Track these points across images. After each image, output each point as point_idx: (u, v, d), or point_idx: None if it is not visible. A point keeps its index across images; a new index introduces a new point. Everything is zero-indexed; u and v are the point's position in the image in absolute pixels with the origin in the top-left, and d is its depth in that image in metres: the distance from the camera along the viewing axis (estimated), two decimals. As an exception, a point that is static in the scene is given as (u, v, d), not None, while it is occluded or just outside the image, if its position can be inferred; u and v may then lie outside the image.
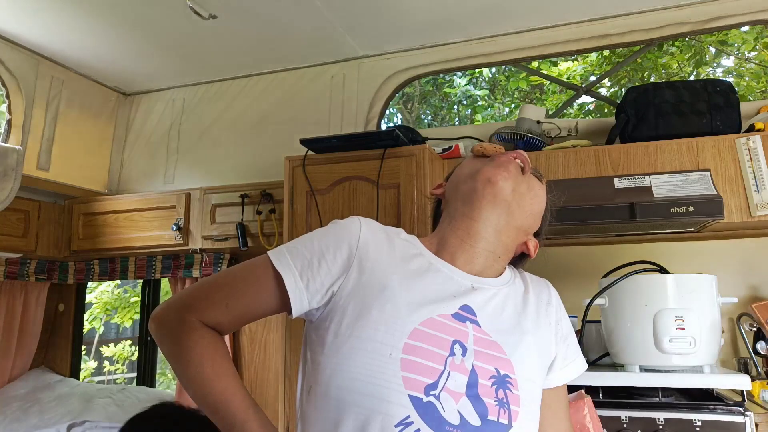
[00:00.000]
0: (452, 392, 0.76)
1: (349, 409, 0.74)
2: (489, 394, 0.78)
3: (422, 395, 0.74)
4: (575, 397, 1.23)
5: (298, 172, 1.91)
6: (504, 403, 0.78)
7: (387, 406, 0.73)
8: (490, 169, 0.90)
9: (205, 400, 0.79)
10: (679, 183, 1.66)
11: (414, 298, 0.81)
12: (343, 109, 2.48)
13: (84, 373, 5.16)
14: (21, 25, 2.24)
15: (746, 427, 1.35)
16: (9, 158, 2.17)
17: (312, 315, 0.85)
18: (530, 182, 0.94)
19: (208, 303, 0.83)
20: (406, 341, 0.77)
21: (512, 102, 6.26)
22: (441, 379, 0.76)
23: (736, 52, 5.10)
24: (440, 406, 0.74)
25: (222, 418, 0.79)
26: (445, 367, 0.77)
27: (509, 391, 0.80)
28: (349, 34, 2.32)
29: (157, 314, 0.85)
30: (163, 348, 0.84)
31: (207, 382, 0.79)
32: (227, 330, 0.87)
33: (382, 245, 0.87)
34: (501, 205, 0.89)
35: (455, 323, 0.81)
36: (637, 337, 1.49)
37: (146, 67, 2.62)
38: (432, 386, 0.75)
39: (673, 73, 5.14)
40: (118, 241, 2.53)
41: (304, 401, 0.82)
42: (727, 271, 1.92)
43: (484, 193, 0.89)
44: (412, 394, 0.74)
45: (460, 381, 0.77)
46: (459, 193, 0.93)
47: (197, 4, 2.06)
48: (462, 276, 0.87)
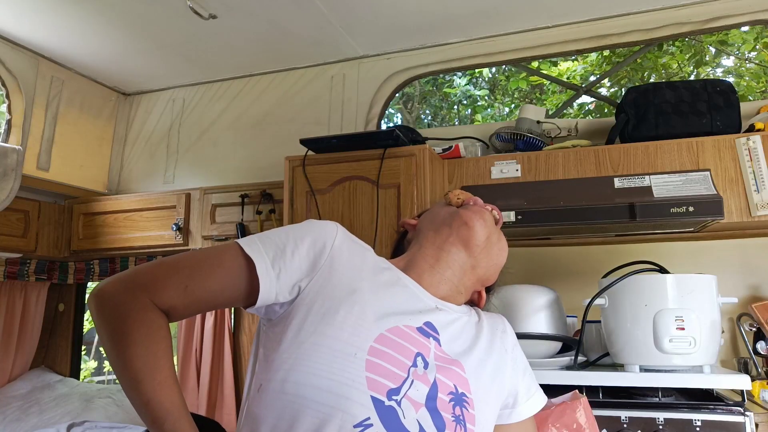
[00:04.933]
0: (413, 401, 0.75)
1: (308, 405, 0.71)
2: (447, 409, 0.77)
3: (384, 398, 0.73)
4: (571, 397, 1.23)
5: (298, 172, 1.91)
6: (461, 420, 0.78)
7: (348, 405, 0.71)
8: (468, 213, 0.93)
9: (138, 388, 0.72)
10: (679, 183, 1.66)
11: (382, 305, 0.81)
12: (343, 109, 2.48)
13: (84, 373, 5.16)
14: (21, 25, 2.24)
15: (746, 427, 1.35)
16: (9, 158, 2.17)
17: (272, 312, 0.82)
18: (500, 235, 0.97)
19: (165, 283, 0.76)
20: (372, 344, 0.76)
21: (512, 102, 6.26)
22: (404, 385, 0.75)
23: (736, 52, 5.10)
24: (401, 412, 0.73)
25: (153, 411, 0.72)
26: (409, 375, 0.76)
27: (465, 409, 0.80)
28: (349, 34, 2.32)
29: (103, 288, 0.76)
30: (103, 326, 0.74)
31: (146, 369, 0.72)
32: (178, 316, 0.79)
33: (355, 252, 0.87)
34: (472, 248, 0.91)
35: (419, 336, 0.81)
36: (637, 337, 1.49)
37: (146, 67, 2.62)
38: (394, 391, 0.74)
39: (673, 73, 5.14)
40: (118, 241, 2.53)
41: (251, 401, 0.78)
42: (727, 271, 1.92)
43: (459, 232, 0.91)
44: (374, 395, 0.72)
45: (422, 391, 0.76)
46: (433, 226, 0.95)
47: (197, 4, 2.06)
48: (427, 296, 0.88)
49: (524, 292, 1.70)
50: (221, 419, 2.32)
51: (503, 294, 1.68)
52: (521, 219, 1.71)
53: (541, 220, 1.71)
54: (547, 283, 1.76)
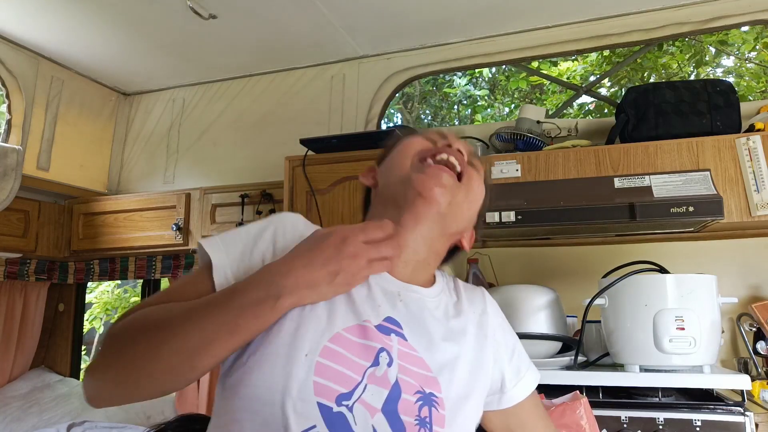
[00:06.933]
0: (368, 405, 0.69)
1: (253, 412, 0.67)
2: (410, 411, 0.71)
3: (333, 404, 0.67)
4: (571, 397, 1.23)
5: (298, 172, 1.91)
6: (426, 422, 0.72)
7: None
8: (421, 179, 0.79)
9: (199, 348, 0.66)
10: (679, 183, 1.66)
11: (337, 301, 0.74)
12: (343, 109, 2.48)
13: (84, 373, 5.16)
14: (21, 25, 2.24)
15: (746, 427, 1.35)
16: (9, 158, 2.17)
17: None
18: (469, 186, 0.83)
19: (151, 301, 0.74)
20: (327, 344, 0.69)
21: (512, 102, 6.25)
22: (356, 390, 0.69)
23: (736, 52, 5.10)
24: (352, 418, 0.67)
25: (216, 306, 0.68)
26: (363, 378, 0.70)
27: (435, 409, 0.73)
28: (349, 34, 2.32)
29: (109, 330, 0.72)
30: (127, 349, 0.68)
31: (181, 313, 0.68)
32: None
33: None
34: (433, 218, 0.80)
35: (380, 334, 0.74)
36: (637, 337, 1.49)
37: (146, 67, 2.62)
38: (345, 396, 0.68)
39: (673, 73, 5.13)
40: (118, 241, 2.53)
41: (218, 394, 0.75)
42: (727, 271, 1.92)
43: (415, 205, 0.80)
44: (321, 402, 0.67)
45: (378, 395, 0.70)
46: (388, 195, 0.84)
47: (197, 4, 2.06)
48: (389, 282, 0.80)
49: (524, 292, 1.70)
50: (221, 419, 2.32)
51: (503, 294, 1.69)
52: (521, 219, 1.71)
53: (541, 220, 1.71)
54: (547, 283, 1.76)
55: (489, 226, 1.71)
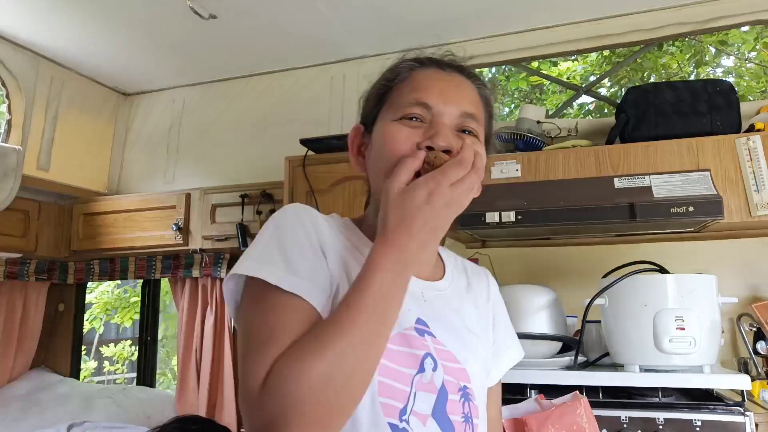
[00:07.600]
0: (419, 415, 0.69)
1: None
2: (457, 410, 0.72)
3: (397, 421, 0.66)
4: (571, 398, 1.23)
5: (298, 172, 1.91)
6: (468, 417, 0.73)
7: None
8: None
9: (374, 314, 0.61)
10: (679, 183, 1.66)
11: None
12: (343, 109, 2.48)
13: (84, 373, 5.15)
14: (21, 25, 2.24)
15: (746, 427, 1.35)
16: (9, 158, 2.17)
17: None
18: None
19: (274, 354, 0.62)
20: (382, 361, 0.65)
21: (512, 102, 6.25)
22: (409, 402, 0.68)
23: (736, 52, 5.10)
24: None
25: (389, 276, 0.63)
26: (412, 388, 0.69)
27: (471, 402, 0.75)
28: (349, 34, 2.32)
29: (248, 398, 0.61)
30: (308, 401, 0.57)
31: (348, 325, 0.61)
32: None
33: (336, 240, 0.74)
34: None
35: (419, 339, 0.72)
36: (637, 337, 1.49)
37: (146, 67, 2.62)
38: (402, 411, 0.67)
39: (673, 73, 5.13)
40: (118, 241, 2.53)
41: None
42: (727, 271, 1.92)
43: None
44: (390, 422, 0.66)
45: (427, 402, 0.70)
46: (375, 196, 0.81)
47: (197, 4, 2.06)
48: (412, 283, 0.71)
49: (524, 292, 1.70)
50: (221, 419, 2.32)
51: (503, 294, 1.68)
52: (521, 219, 1.71)
53: (541, 220, 1.71)
54: (547, 283, 1.76)
55: (489, 226, 1.71)
